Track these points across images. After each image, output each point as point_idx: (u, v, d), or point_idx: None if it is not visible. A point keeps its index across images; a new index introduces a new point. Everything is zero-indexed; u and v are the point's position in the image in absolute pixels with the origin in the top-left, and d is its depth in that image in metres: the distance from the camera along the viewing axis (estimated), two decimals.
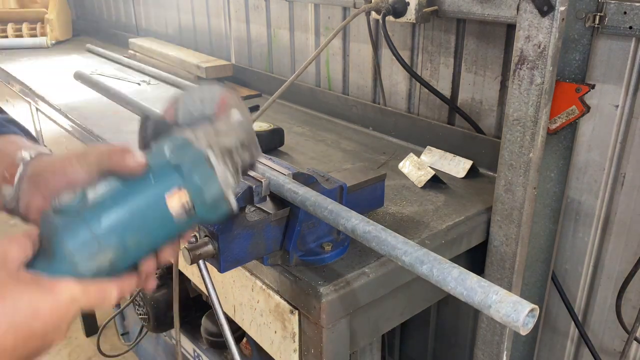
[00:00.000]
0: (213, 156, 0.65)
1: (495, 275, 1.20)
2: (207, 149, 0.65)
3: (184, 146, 0.65)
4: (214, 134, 0.68)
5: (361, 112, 1.83)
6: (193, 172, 0.64)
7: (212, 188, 0.65)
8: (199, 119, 0.72)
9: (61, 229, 0.59)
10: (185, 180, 0.63)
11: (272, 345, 1.08)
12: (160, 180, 0.63)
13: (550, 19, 0.96)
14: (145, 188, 0.63)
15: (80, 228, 0.59)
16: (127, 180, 0.63)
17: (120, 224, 0.60)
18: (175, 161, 0.64)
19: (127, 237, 0.61)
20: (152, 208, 0.62)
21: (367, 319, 1.07)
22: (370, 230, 0.74)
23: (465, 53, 1.55)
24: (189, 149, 0.65)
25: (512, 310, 0.57)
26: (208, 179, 0.65)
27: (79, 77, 2.18)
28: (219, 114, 0.72)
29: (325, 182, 0.99)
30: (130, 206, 0.61)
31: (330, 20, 1.95)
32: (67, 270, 0.58)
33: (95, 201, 0.61)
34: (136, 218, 0.61)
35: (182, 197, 0.63)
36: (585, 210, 1.36)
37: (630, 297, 1.32)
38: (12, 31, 3.44)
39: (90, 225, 0.59)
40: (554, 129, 1.22)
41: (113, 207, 0.61)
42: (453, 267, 0.64)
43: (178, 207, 0.63)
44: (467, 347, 1.80)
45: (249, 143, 0.71)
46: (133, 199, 0.62)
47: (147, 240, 0.63)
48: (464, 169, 1.41)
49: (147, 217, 0.62)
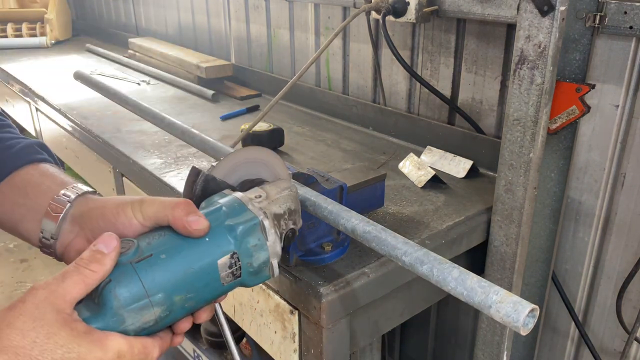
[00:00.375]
0: (268, 224, 0.65)
1: (496, 276, 1.20)
2: (262, 216, 0.65)
3: (240, 210, 0.65)
4: (265, 199, 0.68)
5: (361, 112, 1.83)
6: (247, 237, 0.64)
7: (262, 255, 0.65)
8: (249, 181, 0.73)
9: (114, 280, 0.57)
10: (238, 245, 0.63)
11: (272, 345, 1.08)
12: (216, 243, 0.62)
13: (550, 18, 0.96)
14: (200, 249, 0.62)
15: (133, 282, 0.57)
16: (185, 239, 0.62)
17: (173, 283, 0.59)
18: (230, 223, 0.63)
19: (175, 296, 0.60)
20: (204, 270, 0.61)
21: (367, 319, 1.07)
22: (370, 231, 0.74)
23: (465, 53, 1.54)
24: (245, 214, 0.65)
25: (513, 311, 0.57)
26: (260, 246, 0.65)
27: (79, 77, 2.18)
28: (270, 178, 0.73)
29: (325, 182, 0.99)
30: (185, 266, 0.60)
31: (330, 20, 1.94)
32: (115, 323, 0.57)
33: (149, 255, 0.59)
34: (188, 279, 0.60)
35: (233, 262, 0.63)
36: (585, 210, 1.36)
37: (630, 297, 1.32)
38: (12, 31, 3.44)
39: (144, 280, 0.58)
40: (554, 129, 1.22)
41: (167, 265, 0.59)
42: (453, 267, 0.64)
43: (227, 271, 0.63)
44: (467, 347, 1.80)
45: (295, 211, 0.71)
46: (188, 259, 0.61)
47: (192, 301, 0.62)
48: (464, 169, 1.41)
49: (197, 279, 0.61)
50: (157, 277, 0.58)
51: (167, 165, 1.47)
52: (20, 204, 0.71)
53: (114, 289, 0.56)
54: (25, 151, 0.75)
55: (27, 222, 0.71)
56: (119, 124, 1.85)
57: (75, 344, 0.53)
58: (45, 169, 0.75)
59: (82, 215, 0.68)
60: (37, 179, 0.73)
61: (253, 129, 1.50)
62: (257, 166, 0.76)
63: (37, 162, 0.75)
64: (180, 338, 0.66)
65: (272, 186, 0.71)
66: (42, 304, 0.53)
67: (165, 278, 0.59)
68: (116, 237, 0.59)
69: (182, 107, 2.12)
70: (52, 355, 0.51)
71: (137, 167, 1.50)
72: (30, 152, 0.76)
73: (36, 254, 3.59)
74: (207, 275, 0.62)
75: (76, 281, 0.55)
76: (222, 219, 0.64)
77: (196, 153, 1.54)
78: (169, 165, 1.48)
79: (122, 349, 0.56)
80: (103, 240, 0.58)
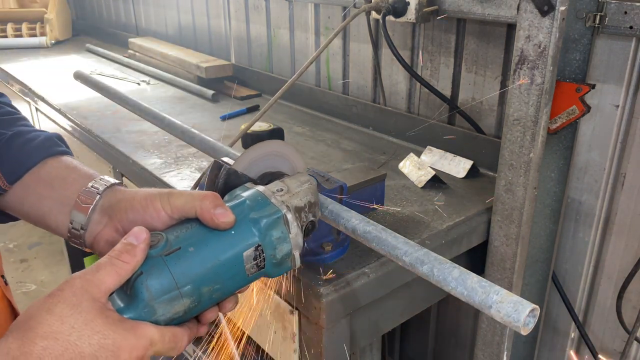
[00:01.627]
0: (291, 217, 0.67)
1: (496, 275, 1.20)
2: (285, 209, 0.67)
3: (264, 203, 0.66)
4: (287, 193, 0.69)
5: (361, 112, 1.83)
6: (271, 230, 0.65)
7: (285, 247, 0.67)
8: (269, 174, 0.74)
9: (145, 273, 0.59)
10: (262, 238, 0.65)
11: (272, 345, 1.08)
12: (241, 236, 0.64)
13: (550, 18, 0.96)
14: (227, 242, 0.63)
15: (163, 274, 0.59)
16: (211, 231, 0.63)
17: (201, 275, 0.61)
18: (254, 216, 0.65)
19: (203, 287, 0.61)
20: (230, 262, 0.63)
21: (367, 319, 1.07)
22: (370, 231, 0.73)
23: (465, 53, 1.54)
24: (268, 207, 0.66)
25: (513, 311, 0.57)
26: (283, 238, 0.66)
27: (79, 76, 2.18)
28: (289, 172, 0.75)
29: (325, 182, 0.99)
30: (212, 258, 0.62)
31: (330, 20, 1.94)
32: (146, 314, 0.58)
33: (178, 248, 0.61)
34: (215, 270, 0.62)
35: (258, 254, 0.65)
36: (585, 210, 1.36)
37: (630, 297, 1.32)
38: (12, 31, 3.44)
39: (174, 273, 0.59)
40: (554, 129, 1.22)
41: (196, 257, 0.61)
42: (453, 267, 0.64)
43: (252, 263, 0.64)
44: (467, 347, 1.80)
45: (314, 204, 0.72)
46: (215, 252, 0.62)
47: (219, 292, 0.63)
48: (464, 169, 1.41)
49: (224, 270, 0.63)
50: (186, 269, 0.60)
51: (167, 165, 1.47)
52: (46, 196, 0.73)
53: (145, 281, 0.58)
54: (46, 144, 0.77)
55: (56, 214, 0.72)
56: (119, 124, 1.85)
57: (111, 330, 0.55)
58: (69, 161, 0.77)
59: (111, 206, 0.70)
60: (62, 172, 0.75)
61: (253, 129, 1.50)
62: (275, 159, 0.77)
63: (59, 154, 0.77)
64: (205, 328, 0.67)
65: (292, 180, 0.72)
66: (79, 292, 0.55)
67: (194, 270, 0.60)
68: (146, 230, 0.61)
69: (182, 107, 2.12)
70: (89, 340, 0.53)
71: (137, 167, 1.50)
72: (51, 145, 0.77)
73: (36, 254, 3.59)
74: (234, 267, 0.63)
75: (109, 272, 0.57)
76: (246, 212, 0.65)
77: (196, 153, 1.54)
78: (169, 165, 1.48)
79: (154, 337, 0.58)
80: (133, 233, 0.60)
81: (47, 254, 3.58)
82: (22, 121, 0.81)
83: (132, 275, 0.58)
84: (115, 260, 0.58)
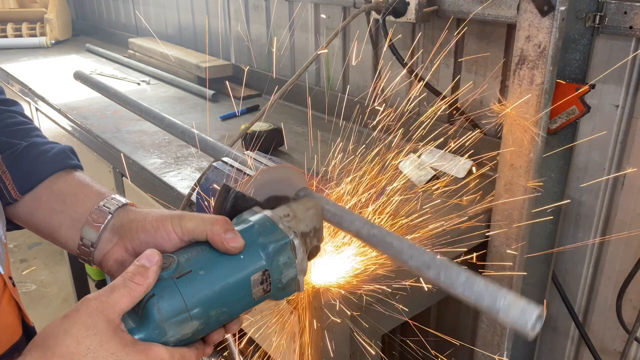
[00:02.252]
0: (297, 243, 0.68)
1: (496, 276, 1.20)
2: (292, 235, 0.68)
3: (272, 229, 0.68)
4: (294, 219, 0.70)
5: (361, 112, 1.83)
6: (278, 256, 0.67)
7: (291, 272, 0.68)
8: (275, 198, 0.76)
9: (157, 295, 0.60)
10: (269, 263, 0.66)
11: (272, 345, 1.08)
12: (250, 260, 0.65)
13: (550, 18, 0.96)
14: (236, 266, 0.65)
15: (174, 297, 0.60)
16: (221, 255, 0.65)
17: (210, 298, 0.62)
18: (263, 241, 0.66)
19: (212, 310, 0.63)
20: (239, 286, 0.64)
21: (367, 319, 1.07)
22: (375, 234, 0.73)
23: (465, 53, 1.54)
24: (276, 232, 0.67)
25: (521, 315, 0.57)
26: (290, 264, 0.67)
27: (79, 76, 2.18)
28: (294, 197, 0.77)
29: None
30: (221, 282, 0.63)
31: (330, 20, 1.94)
32: (157, 335, 0.60)
33: (189, 271, 0.62)
34: (224, 293, 0.63)
35: (265, 279, 0.66)
36: (585, 210, 1.36)
37: (630, 297, 1.32)
38: (12, 31, 3.44)
39: (184, 295, 0.61)
40: (554, 129, 1.22)
41: (206, 281, 0.62)
42: (460, 270, 0.64)
43: (259, 287, 0.66)
44: (467, 347, 1.80)
45: (319, 229, 0.74)
46: (224, 275, 0.64)
47: (226, 314, 0.65)
48: (464, 169, 1.41)
49: (232, 294, 0.64)
50: (196, 292, 0.61)
51: (167, 165, 1.47)
52: (58, 211, 0.74)
53: (157, 302, 0.60)
54: (60, 157, 0.78)
55: (66, 229, 0.74)
56: (119, 124, 1.85)
57: (124, 352, 0.56)
58: (82, 177, 0.78)
59: (123, 226, 0.71)
60: (75, 189, 0.76)
61: (253, 129, 1.50)
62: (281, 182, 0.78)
63: (71, 167, 0.79)
64: (211, 348, 0.69)
65: (298, 205, 0.73)
66: (94, 313, 0.56)
67: (204, 293, 0.62)
68: (158, 253, 0.62)
69: (182, 107, 2.12)
70: None
71: (137, 167, 1.50)
72: (64, 158, 0.79)
73: (36, 254, 3.59)
74: (241, 291, 0.65)
75: (123, 293, 0.58)
76: (255, 237, 0.67)
77: (196, 153, 1.54)
78: (169, 165, 1.48)
79: (164, 358, 0.59)
80: (146, 255, 0.61)
81: (47, 254, 3.58)
82: (36, 131, 0.83)
83: (145, 297, 0.60)
84: (129, 282, 0.59)
